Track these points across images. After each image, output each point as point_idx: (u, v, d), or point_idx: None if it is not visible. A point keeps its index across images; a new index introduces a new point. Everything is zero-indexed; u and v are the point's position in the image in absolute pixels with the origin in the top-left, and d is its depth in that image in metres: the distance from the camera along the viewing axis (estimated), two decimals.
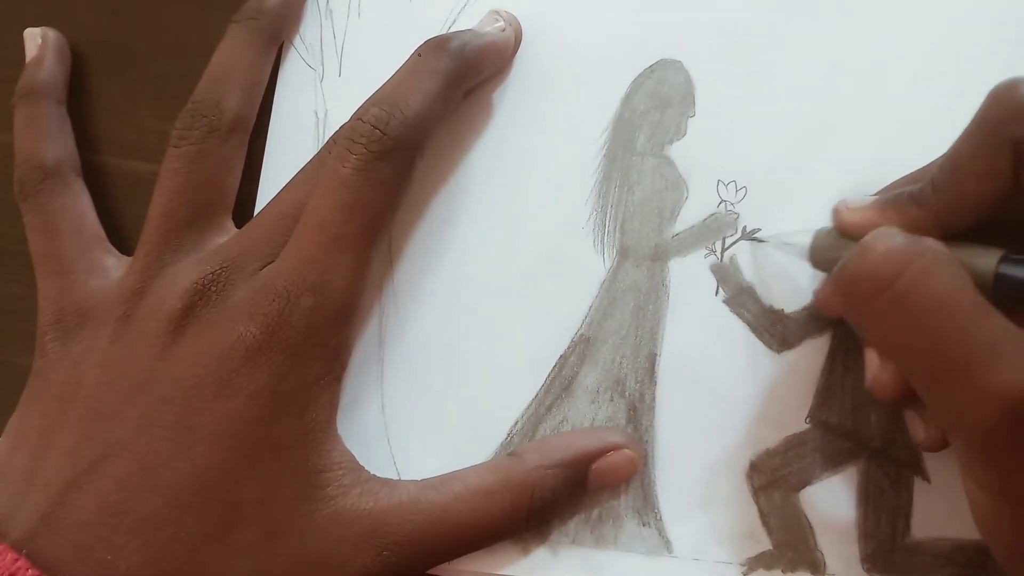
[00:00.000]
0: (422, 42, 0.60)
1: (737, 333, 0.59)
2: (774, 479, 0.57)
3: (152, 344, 0.56)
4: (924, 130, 0.51)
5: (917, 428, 0.54)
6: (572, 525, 0.58)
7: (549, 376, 0.60)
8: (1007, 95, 0.48)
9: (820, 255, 0.55)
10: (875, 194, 0.55)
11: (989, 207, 0.49)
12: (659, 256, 0.60)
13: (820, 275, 0.57)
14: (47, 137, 0.64)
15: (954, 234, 0.50)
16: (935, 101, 0.49)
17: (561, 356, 0.60)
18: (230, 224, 0.61)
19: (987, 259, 0.48)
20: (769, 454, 0.58)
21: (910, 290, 0.46)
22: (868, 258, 0.47)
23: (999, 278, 0.48)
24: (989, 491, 0.47)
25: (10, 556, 0.52)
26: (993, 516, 0.47)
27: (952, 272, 0.46)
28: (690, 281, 0.60)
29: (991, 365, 0.43)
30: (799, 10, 0.61)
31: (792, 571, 0.57)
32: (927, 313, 0.45)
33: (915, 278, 0.46)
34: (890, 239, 0.47)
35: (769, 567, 0.57)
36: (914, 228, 0.50)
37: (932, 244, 0.47)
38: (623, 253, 0.60)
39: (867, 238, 0.48)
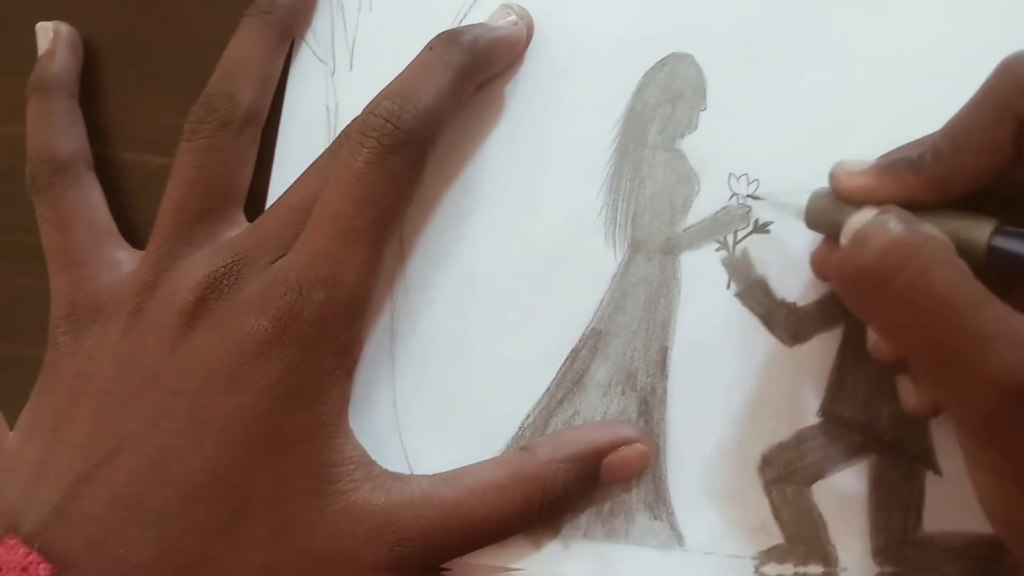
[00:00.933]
0: (433, 36, 0.59)
1: (749, 326, 0.57)
2: (786, 473, 0.56)
3: (164, 337, 0.55)
4: (936, 125, 0.50)
5: (908, 394, 0.54)
6: (584, 519, 0.57)
7: (560, 370, 0.58)
8: (1017, 68, 0.46)
9: (815, 216, 0.53)
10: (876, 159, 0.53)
11: (987, 179, 0.47)
12: (670, 250, 0.59)
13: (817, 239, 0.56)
14: (59, 130, 0.63)
15: (949, 202, 0.48)
16: (947, 96, 0.48)
17: (572, 350, 0.58)
18: (242, 218, 0.60)
19: (980, 231, 0.47)
20: (781, 448, 0.56)
21: (910, 288, 0.44)
22: (866, 254, 0.46)
23: (992, 251, 0.47)
24: (995, 473, 0.46)
25: (22, 550, 0.52)
26: (1001, 498, 0.47)
27: (950, 265, 0.45)
28: (702, 275, 0.58)
29: (986, 356, 0.43)
30: (811, 3, 0.60)
31: (804, 564, 0.55)
32: (927, 310, 0.44)
33: (914, 276, 0.44)
34: (886, 233, 0.46)
35: (781, 560, 0.55)
36: (910, 196, 0.49)
37: (929, 235, 0.46)
38: (634, 247, 0.59)
39: (863, 229, 0.47)
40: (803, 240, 0.56)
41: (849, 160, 0.52)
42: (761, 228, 0.58)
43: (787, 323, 0.57)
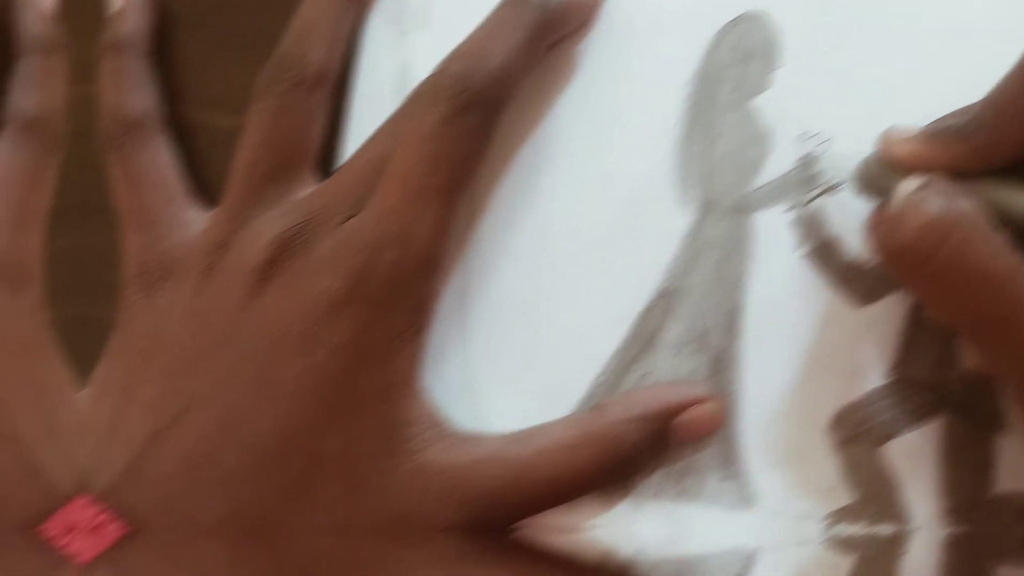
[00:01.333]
0: None
1: (819, 286, 0.57)
2: (856, 433, 0.55)
3: (235, 297, 0.55)
4: None
5: (972, 354, 0.54)
6: (655, 479, 0.56)
7: (632, 330, 0.58)
8: None
9: (867, 182, 0.53)
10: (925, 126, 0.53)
11: None
12: (742, 209, 0.58)
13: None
14: (131, 90, 0.61)
15: (996, 168, 0.48)
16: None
17: (644, 309, 0.58)
18: (313, 179, 0.59)
19: None
20: (851, 408, 0.55)
21: (948, 264, 0.45)
22: (904, 232, 0.46)
23: None
24: None
25: (93, 509, 0.52)
26: None
27: (986, 240, 0.45)
28: (773, 234, 0.57)
29: (1021, 325, 0.44)
30: None
31: (875, 524, 0.54)
32: (966, 284, 0.45)
33: (952, 253, 0.45)
34: (922, 211, 0.46)
35: (852, 521, 0.55)
36: (957, 164, 0.49)
37: (964, 211, 0.46)
38: (706, 207, 0.58)
39: (901, 207, 0.47)
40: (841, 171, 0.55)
41: (898, 127, 0.52)
42: (832, 188, 0.56)
43: (858, 283, 0.56)
